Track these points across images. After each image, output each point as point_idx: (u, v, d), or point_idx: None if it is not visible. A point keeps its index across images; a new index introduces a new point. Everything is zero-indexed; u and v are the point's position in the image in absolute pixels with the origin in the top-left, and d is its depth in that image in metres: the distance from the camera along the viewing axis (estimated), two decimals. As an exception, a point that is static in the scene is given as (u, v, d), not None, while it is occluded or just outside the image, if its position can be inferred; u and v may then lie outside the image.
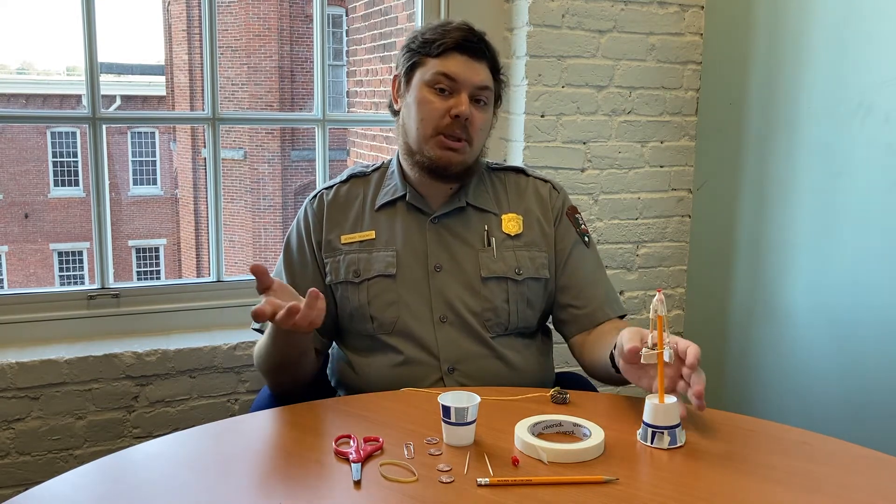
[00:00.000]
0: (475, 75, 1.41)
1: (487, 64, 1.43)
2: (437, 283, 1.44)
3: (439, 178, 1.44)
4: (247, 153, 13.39)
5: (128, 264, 15.92)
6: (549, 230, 1.51)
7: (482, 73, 1.42)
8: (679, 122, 2.25)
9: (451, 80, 1.40)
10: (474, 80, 1.41)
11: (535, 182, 1.56)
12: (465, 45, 1.41)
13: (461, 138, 1.41)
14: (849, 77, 1.83)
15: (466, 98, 1.40)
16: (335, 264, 1.48)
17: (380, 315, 1.44)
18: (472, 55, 1.41)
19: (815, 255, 1.94)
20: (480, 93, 1.42)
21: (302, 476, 1.05)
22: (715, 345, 2.25)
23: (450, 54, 1.40)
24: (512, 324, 1.46)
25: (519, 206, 1.52)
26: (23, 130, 15.55)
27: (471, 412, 1.11)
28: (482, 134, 1.45)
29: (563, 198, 1.56)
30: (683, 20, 2.20)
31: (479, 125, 1.43)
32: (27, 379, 1.73)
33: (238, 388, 1.91)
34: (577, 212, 1.56)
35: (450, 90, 1.40)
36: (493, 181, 1.54)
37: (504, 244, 1.47)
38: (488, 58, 1.44)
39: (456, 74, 1.40)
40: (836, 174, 1.87)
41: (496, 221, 1.49)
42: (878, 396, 1.79)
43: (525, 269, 1.47)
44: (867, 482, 1.05)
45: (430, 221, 1.47)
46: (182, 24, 14.10)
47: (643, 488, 1.01)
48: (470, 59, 1.41)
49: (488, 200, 1.51)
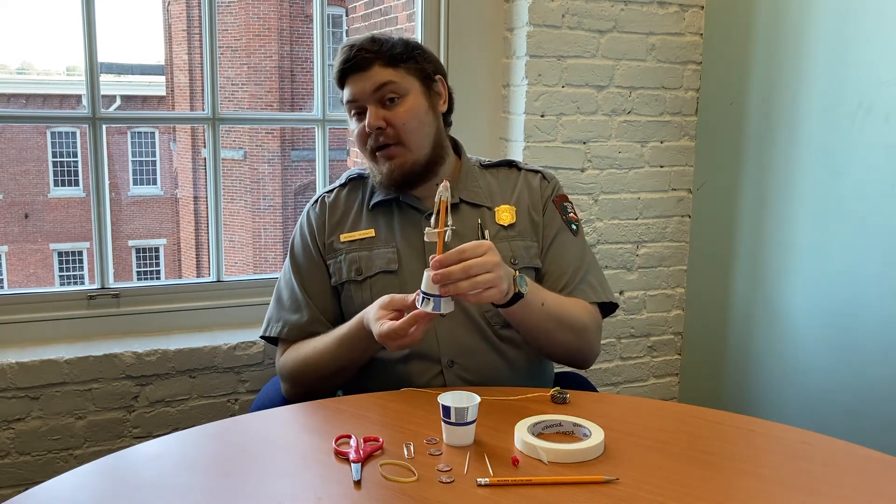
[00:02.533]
0: (365, 84, 1.42)
1: (380, 62, 1.42)
2: None
3: (404, 187, 1.46)
4: (247, 153, 13.39)
5: (128, 264, 15.93)
6: (538, 218, 1.52)
7: (373, 76, 1.42)
8: (679, 122, 2.25)
9: (355, 102, 1.44)
10: (367, 89, 1.42)
11: (527, 174, 1.56)
12: (348, 66, 1.43)
13: (389, 144, 1.42)
14: (849, 77, 1.83)
15: (372, 109, 1.41)
16: (337, 265, 1.49)
17: None
18: (358, 70, 1.42)
19: (815, 255, 1.94)
20: (381, 92, 1.42)
21: (302, 476, 1.05)
22: (715, 345, 2.25)
23: (346, 81, 1.44)
24: None
25: (511, 197, 1.53)
26: (23, 130, 15.56)
27: (471, 412, 1.11)
28: (410, 125, 1.43)
29: (552, 186, 1.56)
30: (683, 20, 2.20)
31: (401, 120, 1.42)
32: (27, 379, 1.73)
33: (238, 388, 1.91)
34: (566, 200, 1.56)
35: (361, 111, 1.44)
36: (485, 177, 1.55)
37: (498, 235, 1.48)
38: (374, 58, 1.42)
39: (355, 96, 1.43)
40: (836, 174, 1.87)
41: (489, 215, 1.50)
42: (878, 396, 1.79)
43: (520, 259, 1.47)
44: (867, 482, 1.05)
45: (424, 218, 1.47)
46: (182, 24, 14.10)
47: (643, 488, 1.01)
48: (359, 74, 1.42)
49: (481, 195, 1.51)
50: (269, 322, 1.53)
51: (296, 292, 1.50)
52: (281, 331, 1.49)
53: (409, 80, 1.44)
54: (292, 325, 1.49)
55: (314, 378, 1.43)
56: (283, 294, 1.52)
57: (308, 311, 1.48)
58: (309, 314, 1.48)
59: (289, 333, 1.49)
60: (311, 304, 1.48)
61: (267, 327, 1.53)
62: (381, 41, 1.43)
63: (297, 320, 1.48)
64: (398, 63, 1.43)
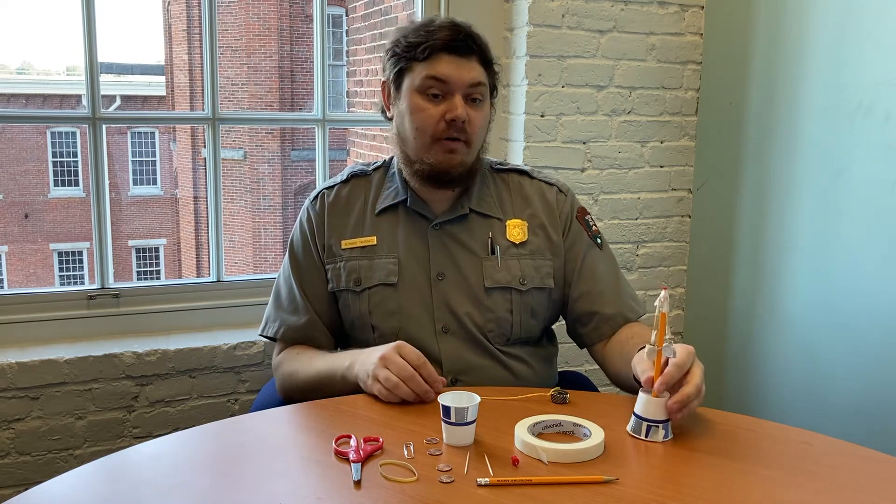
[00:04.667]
0: (466, 74, 1.35)
1: (478, 58, 1.38)
2: (439, 291, 1.42)
3: (440, 184, 1.41)
4: (247, 153, 13.39)
5: (128, 264, 15.92)
6: (557, 238, 1.47)
7: (473, 70, 1.37)
8: (679, 122, 2.25)
9: (442, 83, 1.35)
10: (466, 79, 1.35)
11: (541, 185, 1.51)
12: (453, 44, 1.35)
13: (459, 139, 1.37)
14: (849, 77, 1.83)
15: (460, 99, 1.35)
16: (336, 271, 1.45)
17: (381, 325, 1.42)
18: (461, 53, 1.36)
19: (814, 255, 1.94)
20: (474, 90, 1.37)
21: (302, 476, 1.05)
22: (715, 345, 2.25)
23: (437, 56, 1.35)
24: (514, 334, 1.44)
25: (523, 211, 1.48)
26: (23, 130, 15.55)
27: (471, 412, 1.11)
28: (481, 132, 1.41)
29: (570, 201, 1.51)
30: (683, 20, 2.20)
31: (478, 124, 1.39)
32: (27, 379, 1.73)
33: (238, 388, 1.91)
34: (586, 213, 1.52)
35: (442, 93, 1.35)
36: (496, 183, 1.50)
37: (508, 252, 1.44)
38: (477, 52, 1.38)
39: (447, 77, 1.35)
40: (836, 174, 1.87)
41: (500, 227, 1.46)
42: (879, 396, 1.79)
43: (530, 279, 1.43)
44: (867, 482, 1.05)
45: (431, 227, 1.44)
46: (182, 24, 14.10)
47: (643, 488, 1.01)
48: (459, 58, 1.35)
49: (492, 205, 1.47)
50: (267, 321, 1.51)
51: (294, 292, 1.48)
52: (277, 331, 1.48)
53: (487, 88, 1.41)
54: (289, 327, 1.47)
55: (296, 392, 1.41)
56: (282, 292, 1.50)
57: (306, 313, 1.46)
58: (307, 317, 1.46)
59: (285, 334, 1.47)
60: (310, 306, 1.46)
61: (265, 326, 1.51)
62: (480, 37, 1.39)
63: (295, 322, 1.47)
64: (489, 67, 1.40)
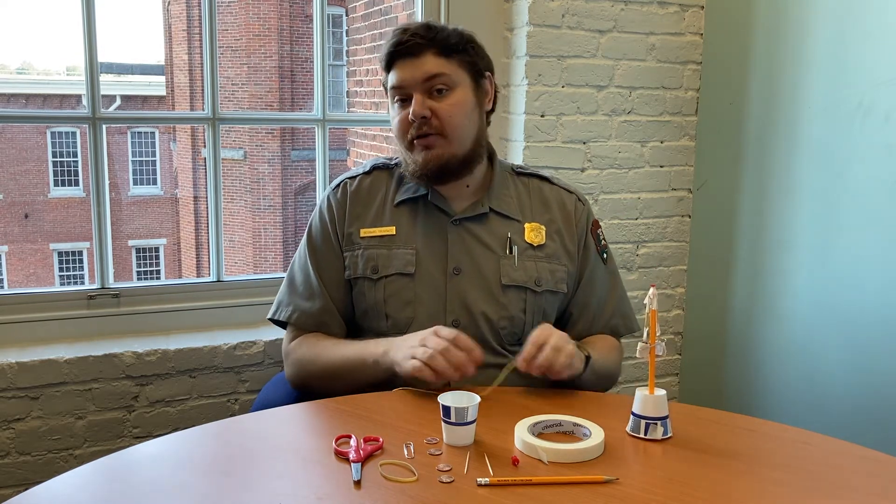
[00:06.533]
0: (417, 72, 1.38)
1: (434, 51, 1.39)
2: (454, 286, 1.43)
3: (438, 179, 1.43)
4: (247, 153, 13.39)
5: (128, 264, 15.92)
6: (573, 247, 1.50)
7: (426, 64, 1.38)
8: (679, 122, 2.25)
9: (400, 89, 1.40)
10: (418, 77, 1.38)
11: (560, 192, 1.53)
12: (401, 49, 1.39)
13: (430, 133, 1.39)
14: (849, 77, 1.83)
15: (418, 97, 1.38)
16: (354, 259, 1.46)
17: (395, 314, 1.42)
18: (412, 54, 1.39)
19: (814, 255, 1.94)
20: (432, 83, 1.39)
21: (302, 476, 1.05)
22: (715, 345, 2.25)
23: (395, 64, 1.41)
24: (525, 334, 1.42)
25: (542, 215, 1.50)
26: (23, 130, 15.55)
27: (471, 412, 1.11)
28: (456, 119, 1.41)
29: (587, 211, 1.54)
30: (683, 20, 2.20)
31: (447, 113, 1.39)
32: (27, 379, 1.73)
33: (238, 388, 1.91)
34: (598, 226, 1.56)
35: (406, 97, 1.40)
36: (516, 186, 1.52)
37: (525, 253, 1.46)
38: (431, 45, 1.39)
39: (401, 82, 1.40)
40: (836, 174, 1.87)
41: (518, 229, 1.47)
42: (879, 395, 1.79)
43: (545, 282, 1.46)
44: (867, 482, 1.05)
45: (451, 223, 1.45)
46: (182, 24, 14.10)
47: (643, 488, 1.01)
48: (410, 60, 1.39)
49: (512, 206, 1.49)
50: (279, 305, 1.51)
51: (311, 277, 1.47)
52: (290, 316, 1.48)
53: (459, 74, 1.41)
54: (303, 312, 1.47)
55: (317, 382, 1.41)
56: (297, 277, 1.50)
57: (321, 299, 1.46)
58: (322, 303, 1.46)
59: (298, 319, 1.47)
60: (325, 292, 1.46)
61: (277, 310, 1.51)
62: (437, 28, 1.40)
63: (309, 308, 1.47)
64: (451, 54, 1.41)
